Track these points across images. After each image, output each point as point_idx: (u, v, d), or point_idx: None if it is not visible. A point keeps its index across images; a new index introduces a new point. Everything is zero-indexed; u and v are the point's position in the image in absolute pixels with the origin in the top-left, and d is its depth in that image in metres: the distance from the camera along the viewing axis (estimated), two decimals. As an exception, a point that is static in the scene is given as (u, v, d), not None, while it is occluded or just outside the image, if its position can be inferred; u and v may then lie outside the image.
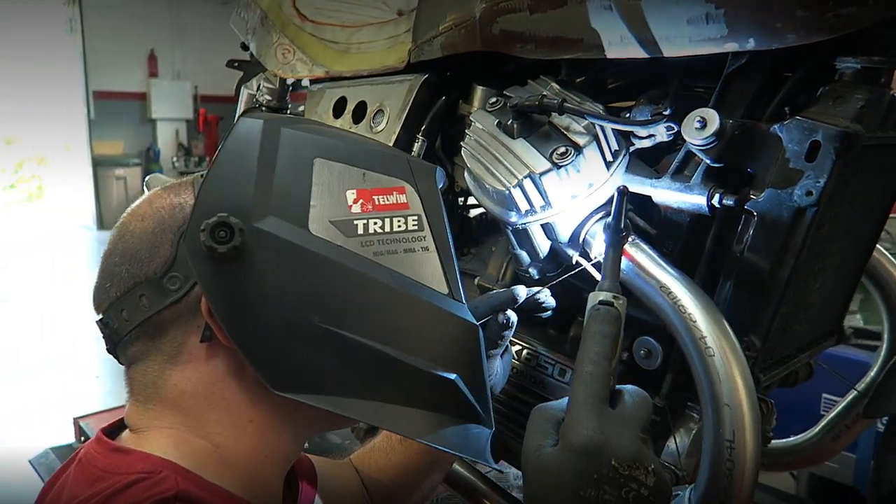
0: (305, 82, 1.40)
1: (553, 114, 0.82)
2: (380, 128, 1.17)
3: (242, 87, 1.53)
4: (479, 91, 1.08)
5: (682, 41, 0.75)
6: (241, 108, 1.54)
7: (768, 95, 0.79)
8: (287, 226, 0.64)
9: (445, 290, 0.69)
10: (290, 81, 1.47)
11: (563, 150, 0.79)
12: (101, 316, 0.70)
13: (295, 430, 0.72)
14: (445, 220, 0.71)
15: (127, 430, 0.69)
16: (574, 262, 0.86)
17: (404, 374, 0.66)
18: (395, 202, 0.69)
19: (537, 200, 0.81)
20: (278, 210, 0.64)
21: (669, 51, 0.76)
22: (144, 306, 0.65)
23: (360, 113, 1.22)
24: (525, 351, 0.99)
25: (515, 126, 0.83)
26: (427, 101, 1.14)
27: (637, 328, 0.86)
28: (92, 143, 8.56)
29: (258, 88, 1.47)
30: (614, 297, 0.67)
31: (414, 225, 0.69)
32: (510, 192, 0.81)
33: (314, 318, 0.63)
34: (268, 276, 0.62)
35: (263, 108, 1.48)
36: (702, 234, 0.82)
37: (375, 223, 0.67)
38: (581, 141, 0.80)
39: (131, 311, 0.66)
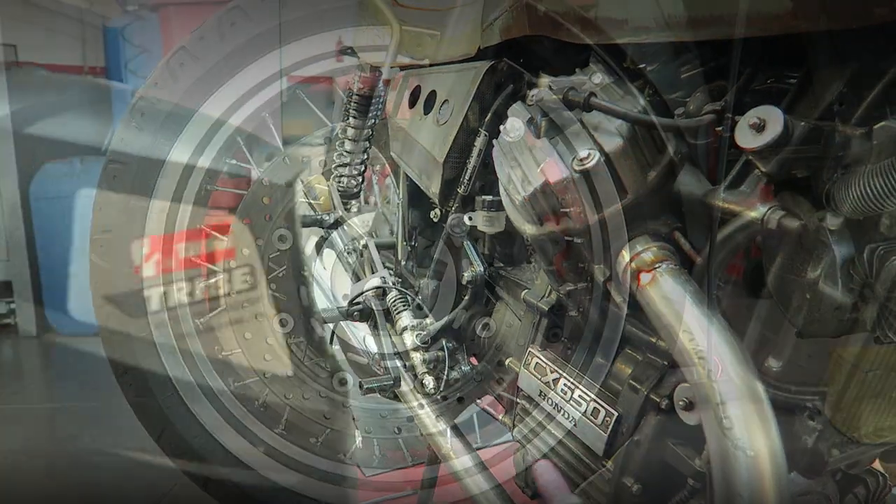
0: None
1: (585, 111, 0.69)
2: (444, 120, 1.08)
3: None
4: (546, 81, 0.96)
5: (735, 21, 0.59)
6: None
7: (862, 91, 0.60)
8: None
9: None
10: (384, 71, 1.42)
11: (584, 154, 0.66)
12: None
13: None
14: None
15: None
16: (603, 283, 0.72)
17: None
18: None
19: (555, 213, 0.69)
20: None
21: (723, 33, 0.60)
22: None
23: (431, 104, 1.14)
24: (562, 381, 0.86)
25: (543, 124, 0.71)
26: (493, 92, 1.03)
27: (681, 373, 0.71)
28: (282, 121, 9.30)
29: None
30: None
31: None
32: (524, 201, 0.70)
33: None
34: None
35: (355, 97, 1.44)
36: (764, 265, 0.65)
37: None
38: (609, 145, 0.66)
39: None
